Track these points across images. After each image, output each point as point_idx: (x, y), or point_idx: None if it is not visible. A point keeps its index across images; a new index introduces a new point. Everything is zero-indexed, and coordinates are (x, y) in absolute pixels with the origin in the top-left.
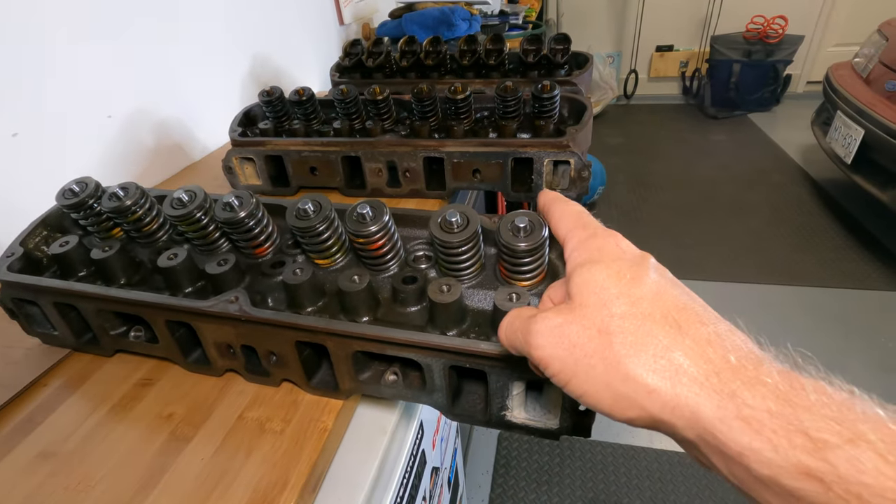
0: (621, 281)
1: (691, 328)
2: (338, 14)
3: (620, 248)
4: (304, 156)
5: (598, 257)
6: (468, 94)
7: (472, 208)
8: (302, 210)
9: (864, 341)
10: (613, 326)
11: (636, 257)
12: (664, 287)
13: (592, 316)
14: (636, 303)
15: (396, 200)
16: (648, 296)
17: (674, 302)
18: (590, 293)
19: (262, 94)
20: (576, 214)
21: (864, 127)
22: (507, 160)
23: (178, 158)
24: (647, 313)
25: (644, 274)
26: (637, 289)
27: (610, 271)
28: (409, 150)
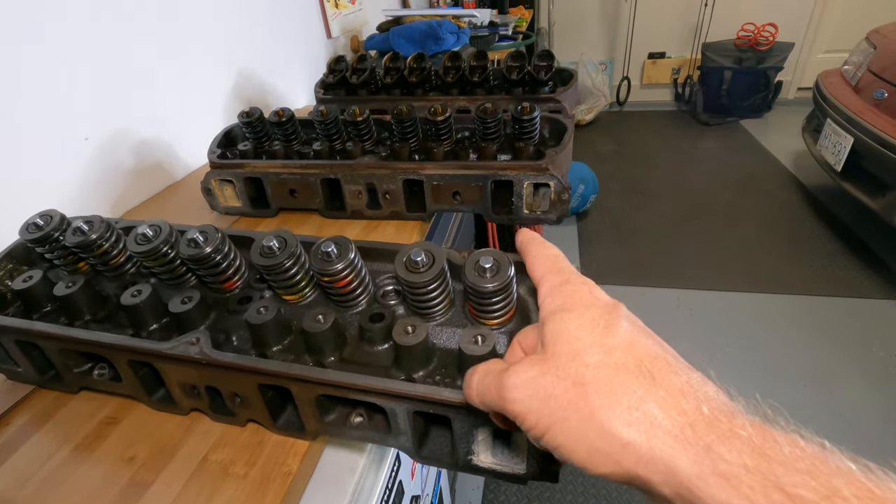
0: (594, 330)
1: (664, 378)
2: (325, 27)
3: (593, 295)
4: (284, 178)
5: (570, 305)
6: (448, 115)
7: (439, 245)
8: (266, 248)
9: (856, 352)
10: (588, 377)
11: (608, 305)
12: (636, 336)
13: (566, 366)
14: (609, 352)
15: (377, 223)
16: (621, 345)
17: (646, 352)
18: (563, 343)
19: (242, 115)
20: (551, 258)
21: (853, 135)
22: (487, 183)
23: (159, 178)
24: (621, 363)
25: (616, 322)
26: (610, 338)
27: (583, 320)
28: (389, 173)
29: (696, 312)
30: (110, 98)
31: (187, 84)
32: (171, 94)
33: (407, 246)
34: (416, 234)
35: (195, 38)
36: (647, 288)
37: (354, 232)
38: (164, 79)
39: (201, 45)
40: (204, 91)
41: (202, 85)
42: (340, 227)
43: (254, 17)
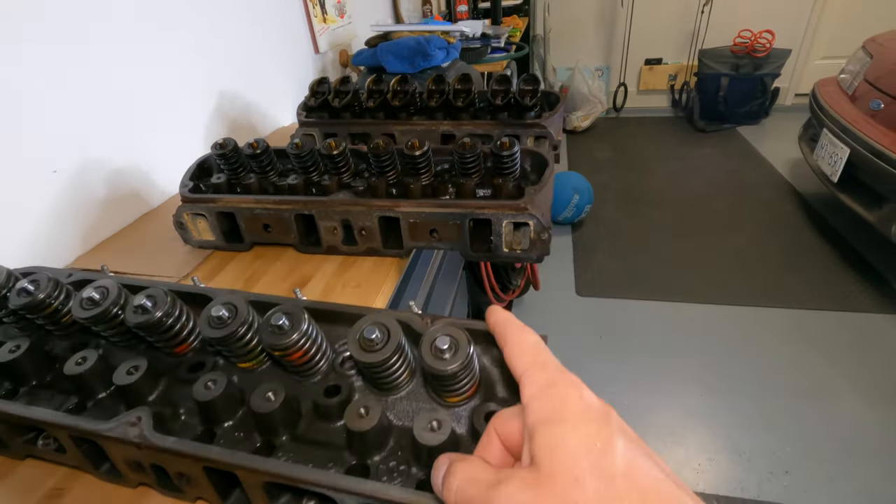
0: (591, 451)
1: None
2: (313, 42)
3: (584, 401)
4: (257, 213)
5: (561, 414)
6: (426, 149)
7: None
8: (216, 318)
9: (852, 368)
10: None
11: (601, 415)
12: (634, 458)
13: (564, 495)
14: (610, 481)
15: (353, 259)
16: (621, 471)
17: (648, 482)
18: (558, 464)
19: (216, 147)
20: (531, 348)
21: (849, 146)
22: (465, 221)
23: (135, 207)
24: (623, 496)
25: (613, 440)
26: (609, 461)
27: (578, 436)
28: (364, 210)
29: (692, 327)
30: (82, 127)
31: (167, 107)
32: (150, 118)
33: (360, 322)
34: (393, 271)
35: (175, 59)
36: (643, 301)
37: (331, 268)
38: (143, 103)
39: (181, 66)
40: (185, 113)
41: (183, 107)
42: (316, 263)
43: (237, 34)
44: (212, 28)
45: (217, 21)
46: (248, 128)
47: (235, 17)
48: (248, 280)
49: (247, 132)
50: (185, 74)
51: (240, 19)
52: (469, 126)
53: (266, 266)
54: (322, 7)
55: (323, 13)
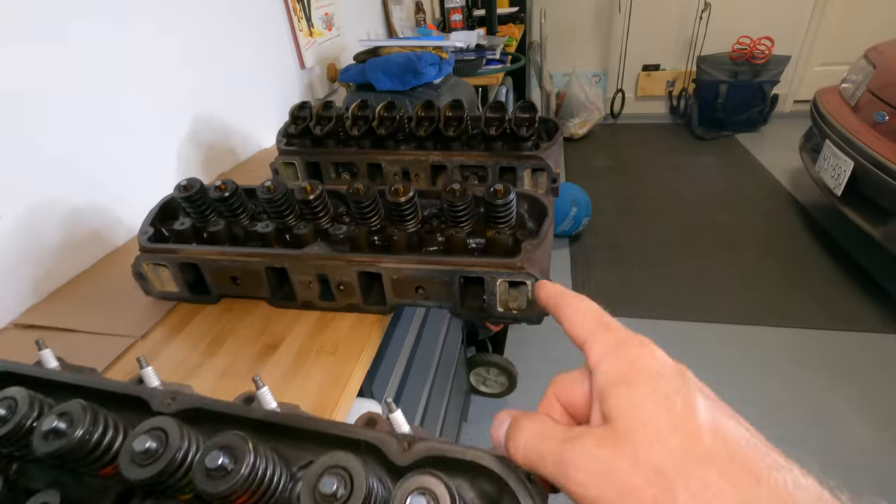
0: (672, 410)
1: (767, 477)
2: (298, 58)
3: (657, 360)
4: (224, 265)
5: (635, 375)
6: (411, 195)
7: (361, 464)
8: (141, 454)
9: (859, 392)
10: (674, 470)
11: (677, 373)
12: (719, 417)
13: (646, 453)
14: (696, 439)
15: (331, 315)
16: (707, 430)
17: (737, 440)
18: (637, 422)
19: (179, 189)
20: (593, 312)
21: (853, 159)
22: (455, 278)
23: (95, 247)
24: (712, 455)
25: (694, 400)
26: (692, 421)
27: (657, 397)
28: (342, 265)
29: (692, 347)
30: (32, 162)
31: (133, 133)
32: (114, 146)
33: (316, 464)
34: (375, 331)
35: (142, 78)
36: (643, 320)
37: (306, 326)
38: (105, 129)
39: (149, 86)
40: (154, 139)
41: (152, 132)
42: (290, 320)
43: (215, 50)
44: (185, 44)
45: (191, 36)
46: (227, 151)
47: (212, 32)
48: (214, 340)
49: (225, 157)
50: (152, 96)
51: (217, 34)
52: (461, 157)
53: (235, 322)
54: (308, 20)
55: (309, 26)
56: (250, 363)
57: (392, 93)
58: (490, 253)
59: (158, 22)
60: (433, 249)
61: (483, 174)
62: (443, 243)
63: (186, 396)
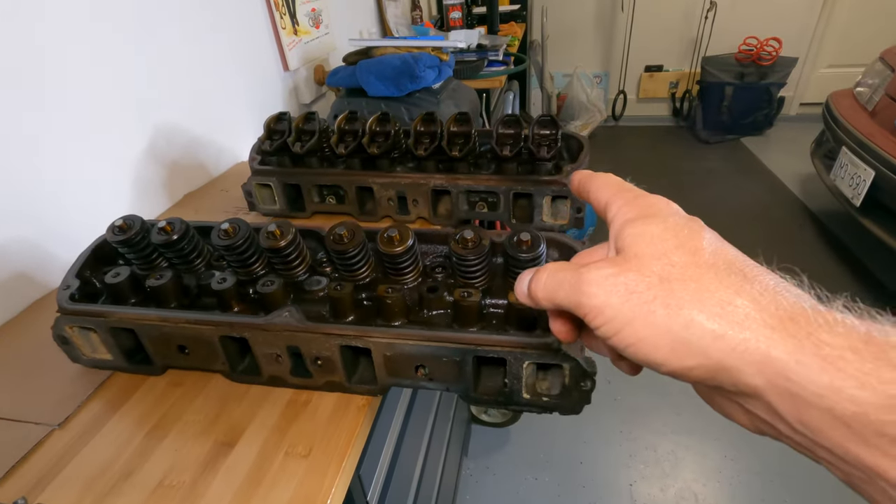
0: (679, 234)
1: (758, 277)
2: (281, 58)
3: (671, 206)
4: (167, 332)
5: (650, 213)
6: (411, 244)
7: None
8: None
9: None
10: (675, 274)
11: (688, 216)
12: (722, 245)
13: (650, 264)
14: (697, 253)
15: (307, 395)
16: (709, 248)
17: (735, 255)
18: (645, 244)
19: (113, 231)
20: (617, 181)
21: (874, 168)
22: (467, 358)
23: (21, 294)
24: (710, 263)
25: (701, 230)
26: (696, 241)
27: (666, 224)
28: (319, 338)
29: None
30: None
31: (77, 149)
32: (47, 169)
33: None
34: (363, 419)
35: (88, 83)
36: None
37: (273, 412)
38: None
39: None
40: (101, 158)
41: (97, 151)
42: (253, 403)
43: (180, 49)
44: (145, 41)
45: (152, 33)
46: (195, 167)
47: (179, 29)
48: (154, 430)
49: (193, 174)
50: (95, 102)
51: (185, 31)
52: (467, 181)
53: (183, 404)
54: (292, 16)
55: (293, 23)
56: (197, 469)
57: (386, 99)
58: (512, 321)
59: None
60: (438, 314)
61: (494, 201)
62: (450, 305)
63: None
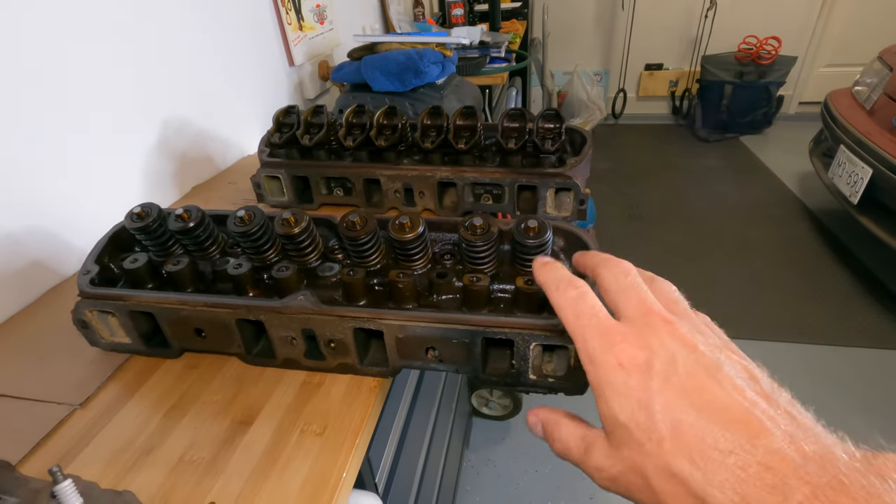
0: (638, 422)
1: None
2: (287, 54)
3: (623, 368)
4: (185, 315)
5: (604, 389)
6: (421, 231)
7: None
8: None
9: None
10: (650, 470)
11: (640, 376)
12: (676, 414)
13: (631, 458)
14: (659, 444)
15: (320, 377)
16: (666, 434)
17: (696, 446)
18: (620, 434)
19: (132, 217)
20: (571, 309)
21: (871, 166)
22: (476, 339)
23: (37, 281)
24: (674, 450)
25: (651, 405)
26: (654, 430)
27: (626, 408)
28: (333, 319)
29: None
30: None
31: (88, 144)
32: (62, 161)
33: None
34: (374, 400)
35: (101, 79)
36: None
37: (288, 392)
38: (46, 143)
39: (108, 87)
40: (114, 150)
41: (111, 144)
42: (268, 384)
43: (188, 44)
44: (153, 36)
45: (161, 27)
46: (204, 160)
47: (186, 24)
48: (173, 410)
49: (201, 166)
50: (112, 97)
51: (193, 27)
52: (473, 173)
53: (200, 385)
54: (298, 12)
55: (299, 19)
56: (216, 446)
57: (390, 94)
58: (519, 305)
59: (114, 14)
60: (447, 298)
61: (499, 193)
62: (459, 290)
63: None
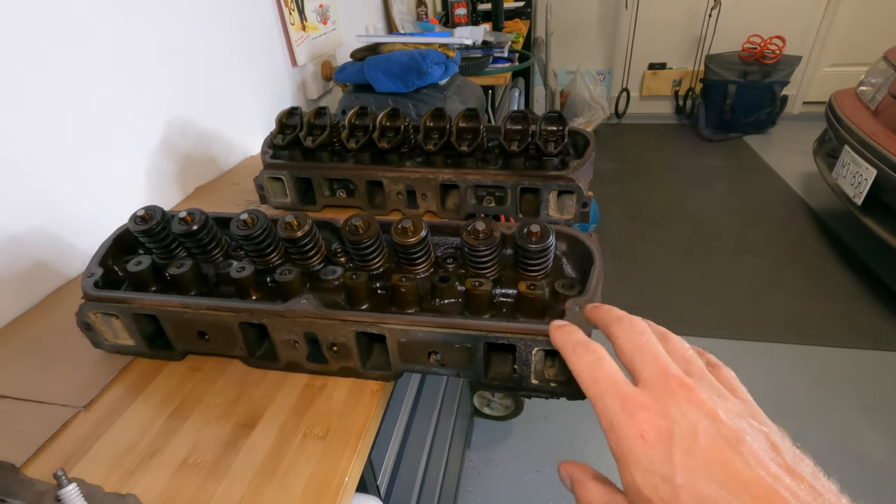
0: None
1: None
2: (289, 54)
3: (646, 442)
4: (189, 318)
5: (628, 462)
6: (424, 236)
7: None
8: None
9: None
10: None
11: (662, 459)
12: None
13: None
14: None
15: (323, 380)
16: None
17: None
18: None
19: (135, 220)
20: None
21: (876, 167)
22: (478, 345)
23: (40, 282)
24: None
25: (676, 489)
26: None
27: (649, 486)
28: (336, 324)
29: None
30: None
31: (89, 148)
32: (65, 162)
33: None
34: (377, 404)
35: (104, 80)
36: None
37: (291, 395)
38: (50, 144)
39: (112, 88)
40: (117, 153)
41: (114, 145)
42: (271, 387)
43: (190, 43)
44: (154, 36)
45: (163, 28)
46: (207, 161)
47: (188, 24)
48: (177, 412)
49: (205, 167)
50: (113, 97)
51: (195, 26)
52: (476, 176)
53: (204, 387)
54: (301, 12)
55: (302, 20)
56: (219, 448)
57: (393, 95)
58: (522, 310)
59: (118, 12)
60: (450, 302)
61: (501, 195)
62: (462, 295)
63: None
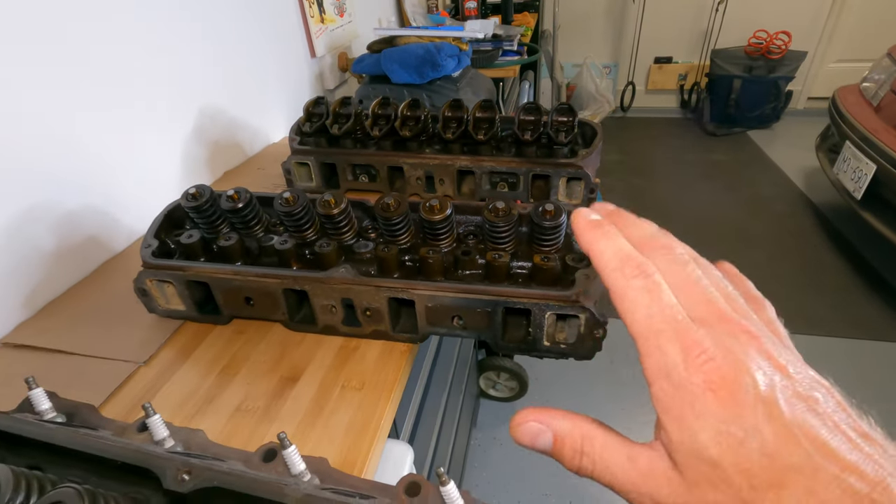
0: (729, 446)
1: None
2: (309, 45)
3: (716, 394)
4: (237, 285)
5: (692, 418)
6: (448, 213)
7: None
8: None
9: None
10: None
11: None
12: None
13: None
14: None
15: (356, 342)
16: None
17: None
18: (694, 466)
19: (188, 198)
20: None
21: (876, 162)
22: (497, 310)
23: (92, 255)
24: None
25: (748, 437)
26: (742, 461)
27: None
28: (370, 290)
29: None
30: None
31: (132, 134)
32: (110, 148)
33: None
34: (405, 362)
35: (144, 72)
36: None
37: (328, 355)
38: (100, 130)
39: (148, 79)
40: (156, 139)
41: (153, 132)
42: (310, 347)
43: (219, 37)
44: (188, 32)
45: (195, 24)
46: (234, 147)
47: (217, 19)
48: (227, 368)
49: (232, 153)
50: (153, 89)
51: (223, 21)
52: (491, 163)
53: (249, 348)
54: (320, 5)
55: (321, 12)
56: (268, 398)
57: (408, 86)
58: (536, 279)
59: (157, 10)
60: (471, 273)
61: (514, 181)
62: (483, 266)
63: (203, 470)
